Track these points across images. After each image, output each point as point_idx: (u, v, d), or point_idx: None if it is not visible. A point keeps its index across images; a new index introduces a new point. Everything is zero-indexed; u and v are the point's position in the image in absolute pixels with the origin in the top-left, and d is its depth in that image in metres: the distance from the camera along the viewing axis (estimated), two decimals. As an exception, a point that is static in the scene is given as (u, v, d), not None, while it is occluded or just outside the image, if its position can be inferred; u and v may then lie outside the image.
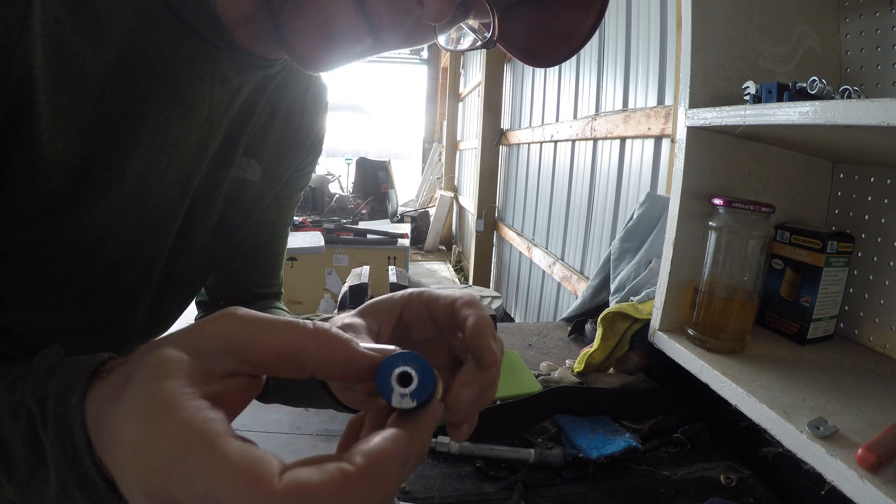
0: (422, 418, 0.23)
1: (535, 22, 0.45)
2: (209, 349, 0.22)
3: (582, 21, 0.44)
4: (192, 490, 0.18)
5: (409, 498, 0.67)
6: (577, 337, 1.22)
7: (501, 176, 3.61)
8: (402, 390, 0.23)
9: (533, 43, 0.46)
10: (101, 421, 0.23)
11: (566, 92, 2.39)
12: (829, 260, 0.69)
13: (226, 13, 0.38)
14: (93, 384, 0.24)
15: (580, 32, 0.44)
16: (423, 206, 7.05)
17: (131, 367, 0.22)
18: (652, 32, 1.56)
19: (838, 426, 0.50)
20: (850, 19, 0.75)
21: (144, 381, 0.21)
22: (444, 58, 6.76)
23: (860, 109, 0.45)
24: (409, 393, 0.23)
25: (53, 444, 0.24)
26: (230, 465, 0.18)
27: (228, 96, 0.44)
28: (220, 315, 0.23)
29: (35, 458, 0.25)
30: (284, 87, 0.51)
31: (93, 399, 0.24)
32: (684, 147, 0.72)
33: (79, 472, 0.24)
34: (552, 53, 0.46)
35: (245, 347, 0.22)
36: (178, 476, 0.18)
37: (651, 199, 1.26)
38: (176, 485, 0.18)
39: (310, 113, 0.56)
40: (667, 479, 0.72)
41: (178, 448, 0.19)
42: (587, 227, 2.06)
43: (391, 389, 0.23)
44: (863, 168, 0.75)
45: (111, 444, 0.22)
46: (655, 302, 0.79)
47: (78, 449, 0.23)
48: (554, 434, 0.81)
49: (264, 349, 0.23)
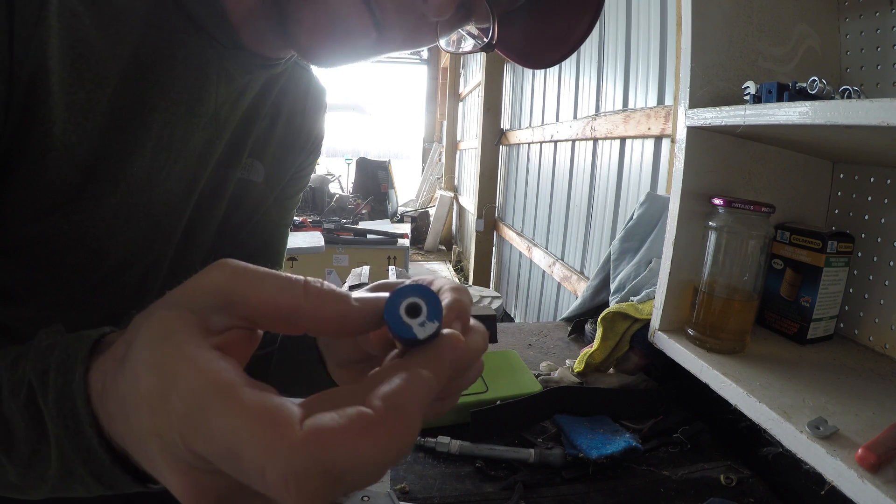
0: (437, 349, 0.22)
1: (531, 27, 0.46)
2: (204, 303, 0.22)
3: (577, 25, 0.45)
4: (212, 443, 0.18)
5: (409, 498, 0.67)
6: (577, 337, 1.22)
7: (501, 176, 3.61)
8: (417, 320, 0.22)
9: (529, 47, 0.47)
10: (106, 392, 0.22)
11: (566, 92, 2.39)
12: (829, 260, 0.69)
13: (233, 9, 0.39)
14: (95, 358, 0.24)
15: (575, 36, 0.45)
16: (423, 206, 7.05)
17: (131, 334, 0.22)
18: (652, 32, 1.56)
19: (838, 426, 0.50)
20: (850, 19, 0.75)
21: (150, 341, 0.20)
22: (444, 58, 6.76)
23: (860, 109, 0.45)
24: (425, 318, 0.22)
25: (55, 418, 0.23)
26: (250, 415, 0.18)
27: (234, 96, 0.44)
28: (213, 267, 0.22)
29: (36, 435, 0.24)
30: (287, 89, 0.52)
31: (96, 372, 0.23)
32: (684, 147, 0.72)
33: (81, 443, 0.23)
34: (547, 56, 0.47)
35: (239, 303, 0.22)
36: (198, 429, 0.18)
37: (651, 199, 1.26)
38: (196, 438, 0.18)
39: (310, 115, 0.57)
40: (667, 479, 0.72)
41: (195, 399, 0.18)
42: (587, 227, 2.06)
43: (407, 325, 0.22)
44: (863, 168, 0.75)
45: (121, 412, 0.21)
46: (655, 302, 0.79)
47: (80, 420, 0.23)
48: (554, 434, 0.81)
49: (257, 305, 0.22)
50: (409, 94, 16.41)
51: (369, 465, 0.18)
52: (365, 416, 0.18)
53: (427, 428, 0.81)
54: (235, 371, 0.19)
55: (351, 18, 0.36)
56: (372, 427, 0.18)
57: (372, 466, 0.18)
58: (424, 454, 0.76)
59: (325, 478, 0.17)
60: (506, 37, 0.44)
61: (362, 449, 0.18)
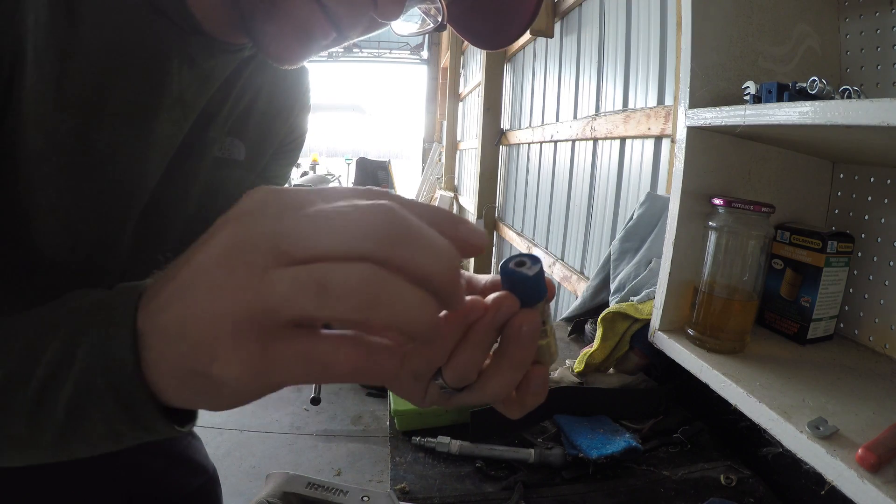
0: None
1: (482, 6, 0.48)
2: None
3: (524, 3, 0.48)
4: (319, 218, 0.21)
5: (409, 498, 0.67)
6: (577, 337, 1.22)
7: (501, 176, 3.61)
8: (528, 266, 0.26)
9: (482, 25, 0.49)
10: (154, 305, 0.23)
11: (566, 92, 2.39)
12: (829, 260, 0.69)
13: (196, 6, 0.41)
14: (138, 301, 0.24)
15: (523, 15, 0.48)
16: (423, 206, 7.04)
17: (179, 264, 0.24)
18: (652, 32, 1.56)
19: (838, 426, 0.50)
20: (850, 19, 0.75)
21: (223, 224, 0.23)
22: (444, 58, 6.76)
23: (860, 109, 0.45)
24: (529, 263, 0.26)
25: (84, 322, 0.24)
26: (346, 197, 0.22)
27: (200, 78, 0.45)
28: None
29: (61, 348, 0.24)
30: (263, 66, 0.53)
31: (142, 310, 0.24)
32: (684, 147, 0.72)
33: (105, 350, 0.23)
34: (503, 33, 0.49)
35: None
36: (300, 214, 0.21)
37: (651, 199, 1.26)
38: (297, 223, 0.21)
39: (290, 84, 0.58)
40: (667, 479, 0.72)
41: (293, 197, 0.22)
42: (587, 227, 2.06)
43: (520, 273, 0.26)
44: (863, 168, 0.75)
45: (179, 302, 0.22)
46: (655, 302, 0.79)
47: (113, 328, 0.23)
48: (554, 434, 0.81)
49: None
50: (409, 94, 16.42)
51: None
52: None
53: (427, 428, 0.81)
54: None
55: (313, 25, 0.38)
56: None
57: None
58: (424, 454, 0.76)
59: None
60: (457, 16, 0.46)
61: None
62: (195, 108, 0.46)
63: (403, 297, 0.20)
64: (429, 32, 0.46)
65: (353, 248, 0.20)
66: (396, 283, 0.20)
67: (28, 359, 0.24)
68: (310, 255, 0.20)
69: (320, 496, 0.62)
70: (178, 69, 0.43)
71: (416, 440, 0.77)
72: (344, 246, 0.20)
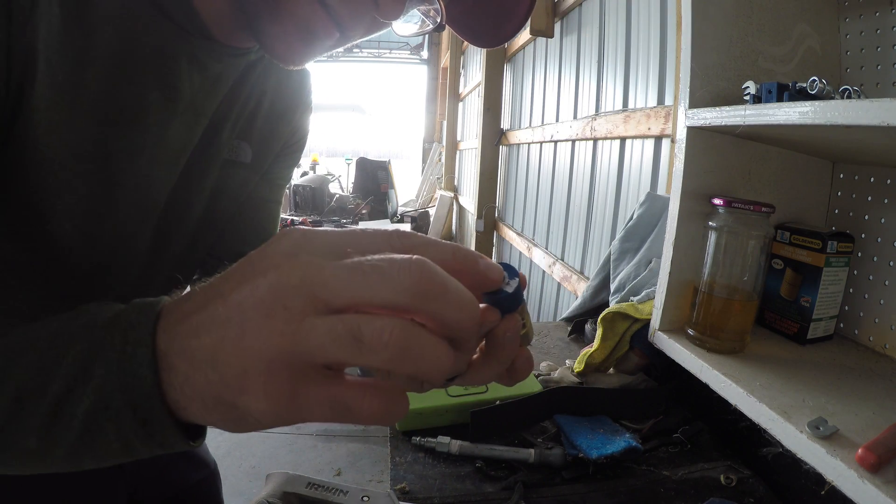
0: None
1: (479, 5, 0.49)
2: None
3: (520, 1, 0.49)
4: (355, 269, 0.22)
5: (409, 498, 0.67)
6: (577, 337, 1.22)
7: (501, 176, 3.61)
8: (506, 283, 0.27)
9: (480, 23, 0.50)
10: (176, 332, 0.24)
11: (566, 92, 2.39)
12: (829, 260, 0.69)
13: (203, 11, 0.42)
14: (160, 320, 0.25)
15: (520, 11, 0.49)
16: (423, 206, 7.05)
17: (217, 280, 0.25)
18: (652, 32, 1.56)
19: (838, 426, 0.50)
20: (850, 19, 0.75)
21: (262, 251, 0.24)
22: (444, 58, 6.76)
23: (860, 109, 0.45)
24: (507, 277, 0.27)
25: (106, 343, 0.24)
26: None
27: (210, 83, 0.46)
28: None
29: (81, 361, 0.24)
30: (268, 69, 0.54)
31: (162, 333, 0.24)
32: (684, 147, 0.72)
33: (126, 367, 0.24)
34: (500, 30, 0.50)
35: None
36: (336, 262, 0.22)
37: (651, 199, 1.26)
38: (332, 271, 0.22)
39: (293, 86, 0.59)
40: (667, 479, 0.72)
41: (333, 238, 0.23)
42: (587, 227, 2.06)
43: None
44: (863, 168, 0.75)
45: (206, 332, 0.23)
46: (655, 302, 0.79)
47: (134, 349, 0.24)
48: (554, 434, 0.81)
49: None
50: (409, 94, 16.44)
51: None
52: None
53: (427, 428, 0.81)
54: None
55: (317, 26, 0.39)
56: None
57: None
58: (424, 454, 0.76)
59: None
60: (456, 16, 0.48)
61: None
62: (206, 112, 0.47)
63: (430, 351, 0.22)
64: (428, 33, 0.47)
65: (388, 300, 0.21)
66: (424, 338, 0.22)
67: (41, 372, 0.24)
68: (346, 305, 0.22)
69: (320, 496, 0.62)
70: (188, 74, 0.43)
71: (416, 440, 0.77)
72: (379, 299, 0.22)
